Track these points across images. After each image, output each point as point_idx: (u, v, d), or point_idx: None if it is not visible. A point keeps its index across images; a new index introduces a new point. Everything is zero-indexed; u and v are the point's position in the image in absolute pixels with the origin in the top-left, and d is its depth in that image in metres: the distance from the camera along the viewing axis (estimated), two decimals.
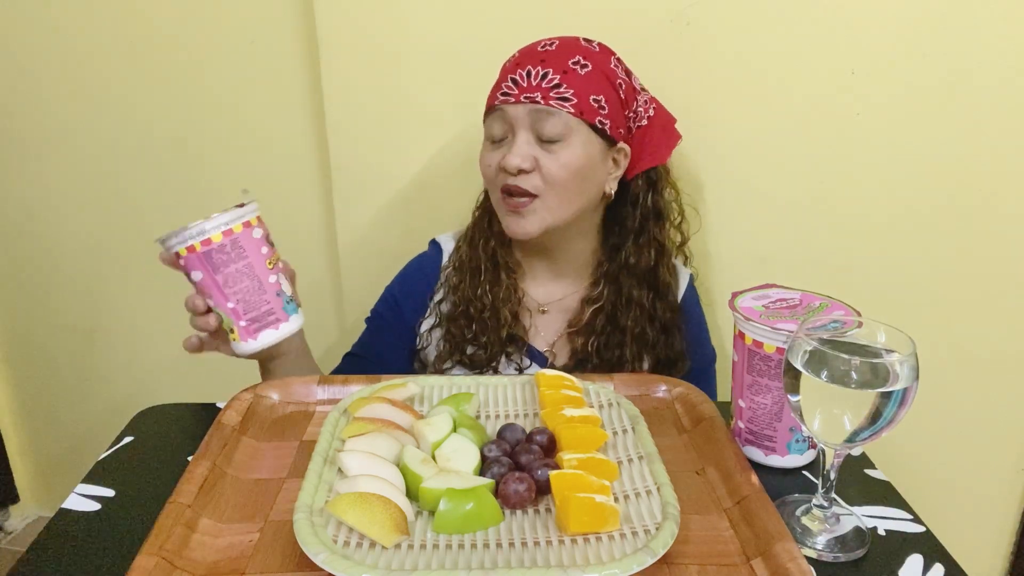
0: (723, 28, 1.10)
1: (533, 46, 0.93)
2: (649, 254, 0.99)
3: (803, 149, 1.14)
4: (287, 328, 0.80)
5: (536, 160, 0.90)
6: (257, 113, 1.30)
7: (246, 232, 0.76)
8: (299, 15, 1.23)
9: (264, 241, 0.78)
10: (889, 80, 1.09)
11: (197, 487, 0.63)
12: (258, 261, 0.77)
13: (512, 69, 0.91)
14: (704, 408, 0.77)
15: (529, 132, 0.90)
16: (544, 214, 0.92)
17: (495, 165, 0.92)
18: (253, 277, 0.77)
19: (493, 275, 1.00)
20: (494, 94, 0.93)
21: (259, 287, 0.78)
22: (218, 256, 0.75)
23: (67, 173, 1.41)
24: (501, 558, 0.56)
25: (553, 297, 1.04)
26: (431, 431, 0.67)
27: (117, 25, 1.29)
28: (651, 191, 0.99)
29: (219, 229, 0.75)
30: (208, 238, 0.75)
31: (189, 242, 0.75)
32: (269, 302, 0.78)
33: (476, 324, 0.99)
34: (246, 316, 0.78)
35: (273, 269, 0.79)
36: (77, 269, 1.49)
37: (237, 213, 0.76)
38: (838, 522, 0.64)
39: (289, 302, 0.80)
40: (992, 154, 1.12)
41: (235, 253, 0.76)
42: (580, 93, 0.89)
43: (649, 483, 0.63)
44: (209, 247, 0.75)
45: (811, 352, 0.58)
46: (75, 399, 1.62)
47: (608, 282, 1.00)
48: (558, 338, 1.03)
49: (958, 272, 1.18)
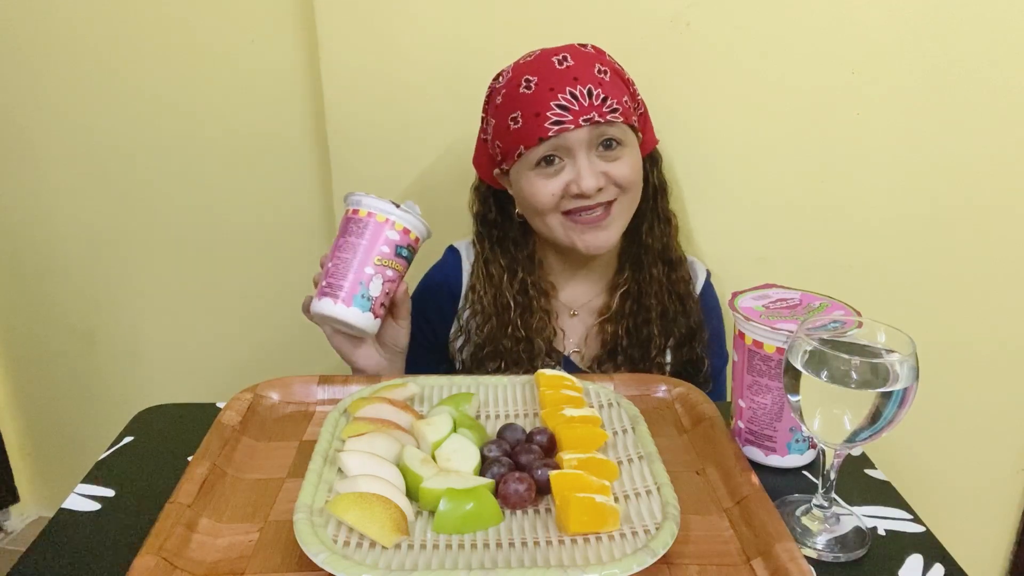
0: (723, 28, 1.10)
1: (547, 65, 0.89)
2: (661, 229, 1.01)
3: (803, 149, 1.14)
4: (342, 311, 0.82)
5: (605, 174, 0.90)
6: (257, 113, 1.30)
7: (381, 225, 0.83)
8: (299, 14, 1.23)
9: (390, 244, 0.83)
10: (889, 80, 1.09)
11: (197, 487, 0.63)
12: (370, 249, 0.83)
13: (548, 95, 0.87)
14: (704, 408, 0.77)
15: (590, 151, 0.90)
16: (622, 218, 0.94)
17: (558, 192, 0.90)
18: (356, 256, 0.83)
19: (525, 306, 0.99)
20: (538, 125, 0.87)
21: (352, 267, 0.83)
22: (350, 225, 0.84)
23: (67, 173, 1.41)
24: (501, 558, 0.56)
25: (583, 298, 1.04)
26: (431, 431, 0.67)
27: (117, 25, 1.29)
28: (655, 168, 1.01)
29: (367, 208, 0.83)
30: (357, 209, 0.84)
31: (348, 205, 0.85)
32: (348, 281, 0.82)
33: (506, 357, 0.98)
34: (327, 278, 0.83)
35: (378, 267, 0.83)
36: (77, 269, 1.49)
37: (389, 208, 0.83)
38: (838, 522, 0.64)
39: (364, 299, 0.83)
40: (992, 154, 1.12)
41: (360, 231, 0.83)
42: (618, 100, 0.89)
43: (649, 483, 0.63)
44: (353, 215, 0.84)
45: (811, 352, 0.58)
46: (75, 399, 1.62)
47: (631, 264, 1.01)
48: (588, 333, 1.03)
49: (958, 272, 1.18)
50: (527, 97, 0.89)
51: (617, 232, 0.94)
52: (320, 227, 1.35)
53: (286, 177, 1.34)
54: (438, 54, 1.16)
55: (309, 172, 1.33)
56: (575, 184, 0.89)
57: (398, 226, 0.83)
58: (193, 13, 1.26)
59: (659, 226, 1.01)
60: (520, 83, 0.90)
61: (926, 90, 1.09)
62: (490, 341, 0.98)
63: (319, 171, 1.32)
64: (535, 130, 0.88)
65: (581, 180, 0.88)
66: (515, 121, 0.90)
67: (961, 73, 1.08)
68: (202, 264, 1.43)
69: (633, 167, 0.92)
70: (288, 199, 1.35)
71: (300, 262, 1.37)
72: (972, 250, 1.17)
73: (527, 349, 0.98)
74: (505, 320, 0.98)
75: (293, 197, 1.35)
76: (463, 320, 1.03)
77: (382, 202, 0.83)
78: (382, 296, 0.84)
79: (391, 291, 0.85)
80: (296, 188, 1.34)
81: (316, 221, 1.35)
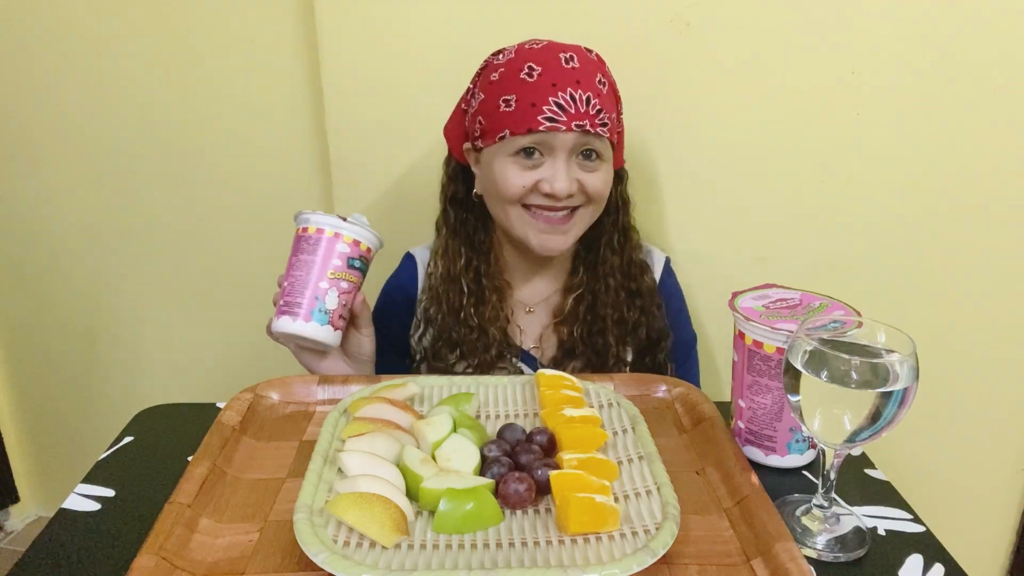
0: (723, 29, 1.10)
1: (553, 57, 0.88)
2: (621, 239, 1.01)
3: (803, 149, 1.14)
4: (301, 327, 0.84)
5: (579, 182, 0.90)
6: (257, 113, 1.30)
7: (331, 240, 0.85)
8: (299, 15, 1.23)
9: (341, 257, 0.85)
10: (889, 80, 1.09)
11: (197, 487, 0.63)
12: (323, 264, 0.85)
13: (548, 90, 0.86)
14: (704, 408, 0.77)
15: (570, 156, 0.90)
16: (581, 226, 0.95)
17: (529, 185, 0.90)
18: (310, 272, 0.85)
19: (478, 296, 0.99)
20: (531, 116, 0.86)
21: (308, 283, 0.85)
22: (301, 243, 0.86)
23: (67, 173, 1.41)
24: (501, 558, 0.56)
25: (539, 296, 1.04)
26: (431, 431, 0.67)
27: (117, 25, 1.29)
28: (619, 184, 1.01)
29: (316, 225, 0.85)
30: (306, 227, 0.86)
31: (298, 224, 0.87)
32: (305, 297, 0.84)
33: (463, 346, 0.98)
34: (284, 297, 0.86)
35: (332, 281, 0.85)
36: (78, 269, 1.49)
37: (337, 222, 0.85)
38: (838, 522, 0.64)
39: (322, 312, 0.84)
40: (992, 153, 1.12)
41: (312, 248, 0.85)
42: (610, 115, 0.90)
43: (649, 483, 0.63)
44: (303, 234, 0.86)
45: (811, 352, 0.58)
46: (75, 399, 1.62)
47: (586, 270, 1.01)
48: (543, 331, 1.03)
49: (958, 272, 1.18)
50: (527, 84, 0.87)
51: (574, 238, 0.95)
52: None
53: (286, 177, 1.34)
54: (438, 54, 1.16)
55: (309, 172, 1.33)
56: (547, 183, 0.89)
57: (347, 239, 0.85)
58: (193, 14, 1.26)
59: (619, 239, 1.00)
60: (522, 68, 0.88)
61: (926, 90, 1.09)
62: (444, 329, 0.99)
63: (319, 171, 1.32)
64: (527, 120, 0.87)
65: (555, 182, 0.88)
66: (508, 104, 0.88)
67: (961, 73, 1.08)
68: (202, 265, 1.43)
69: (606, 182, 0.93)
70: (288, 199, 1.35)
71: None
72: (972, 250, 1.17)
73: (482, 339, 0.98)
74: (457, 306, 0.98)
75: (293, 197, 1.34)
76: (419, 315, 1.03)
77: (330, 217, 0.85)
78: (339, 308, 0.86)
79: (347, 302, 0.87)
80: (296, 188, 1.34)
81: None
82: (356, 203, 1.27)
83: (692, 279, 1.21)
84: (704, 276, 1.21)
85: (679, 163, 1.17)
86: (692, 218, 1.20)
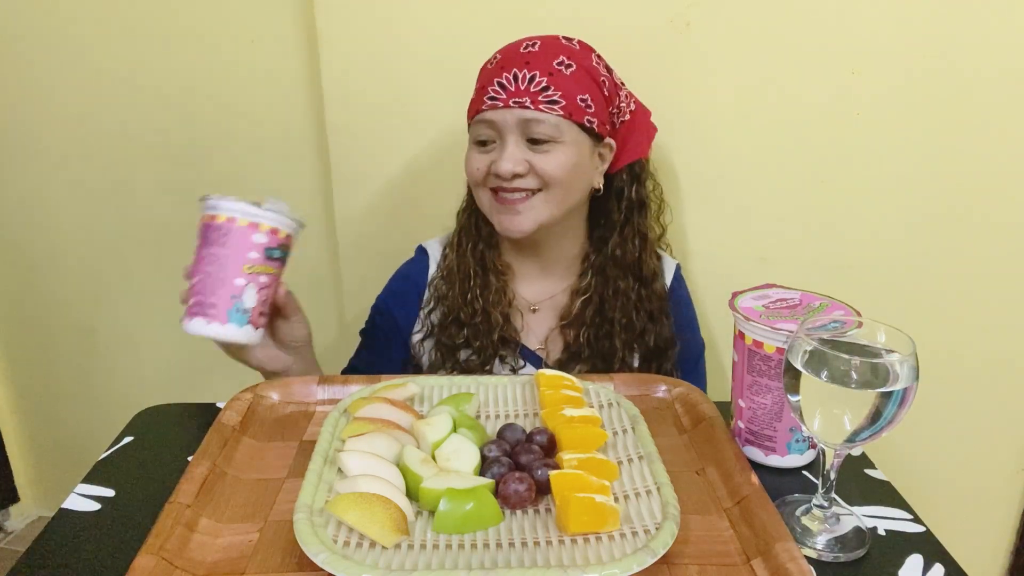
0: (723, 28, 1.10)
1: (515, 47, 0.92)
2: (634, 244, 1.00)
3: (803, 149, 1.14)
4: (217, 330, 0.77)
5: (528, 163, 0.90)
6: (257, 113, 1.30)
7: (245, 230, 0.76)
8: (299, 15, 1.23)
9: (258, 248, 0.77)
10: (889, 81, 1.09)
11: (197, 487, 0.63)
12: (237, 259, 0.76)
13: (496, 72, 0.90)
14: (704, 408, 0.77)
15: (519, 136, 0.90)
16: (540, 210, 0.93)
17: (484, 169, 0.92)
18: (223, 268, 0.76)
19: (483, 279, 1.00)
20: (479, 98, 0.91)
21: (220, 280, 0.76)
22: (210, 232, 0.77)
23: (67, 172, 1.41)
24: (501, 558, 0.56)
25: (544, 295, 1.04)
26: (431, 431, 0.67)
27: (117, 26, 1.29)
28: (635, 183, 1.00)
29: (226, 213, 0.76)
30: (214, 215, 0.76)
31: (204, 211, 0.78)
32: (219, 297, 0.77)
33: (468, 329, 0.99)
34: (195, 296, 0.78)
35: (249, 276, 0.77)
36: (77, 269, 1.49)
37: (250, 209, 0.76)
38: (838, 522, 0.64)
39: (240, 312, 0.77)
40: (992, 154, 1.12)
41: (223, 239, 0.76)
42: (567, 94, 0.89)
43: (649, 483, 0.63)
44: (212, 222, 0.77)
45: (811, 352, 0.58)
46: (75, 399, 1.62)
47: (595, 274, 1.00)
48: (549, 333, 1.03)
49: (958, 272, 1.18)
50: (486, 71, 0.93)
51: (530, 223, 0.93)
52: (320, 227, 1.35)
53: (286, 177, 1.34)
54: (438, 53, 1.16)
55: (309, 172, 1.33)
56: (495, 164, 0.90)
57: (264, 227, 0.77)
58: (193, 13, 1.26)
59: (632, 241, 0.99)
60: (491, 59, 0.94)
61: (926, 90, 1.09)
62: (453, 308, 1.00)
63: (319, 171, 1.32)
64: (476, 103, 0.92)
65: (500, 162, 0.90)
66: (475, 92, 0.94)
67: (961, 73, 1.08)
68: None
69: (562, 164, 0.90)
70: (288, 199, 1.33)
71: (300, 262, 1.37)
72: (972, 250, 1.17)
73: (484, 322, 0.98)
74: (465, 288, 1.00)
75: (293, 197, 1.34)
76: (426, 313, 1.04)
77: (242, 204, 0.76)
78: (259, 305, 0.79)
79: (268, 297, 0.80)
80: (296, 188, 1.34)
81: (316, 221, 1.35)
82: (356, 203, 1.27)
83: (692, 279, 1.21)
84: (704, 276, 1.21)
85: (679, 163, 1.17)
86: (692, 218, 1.20)
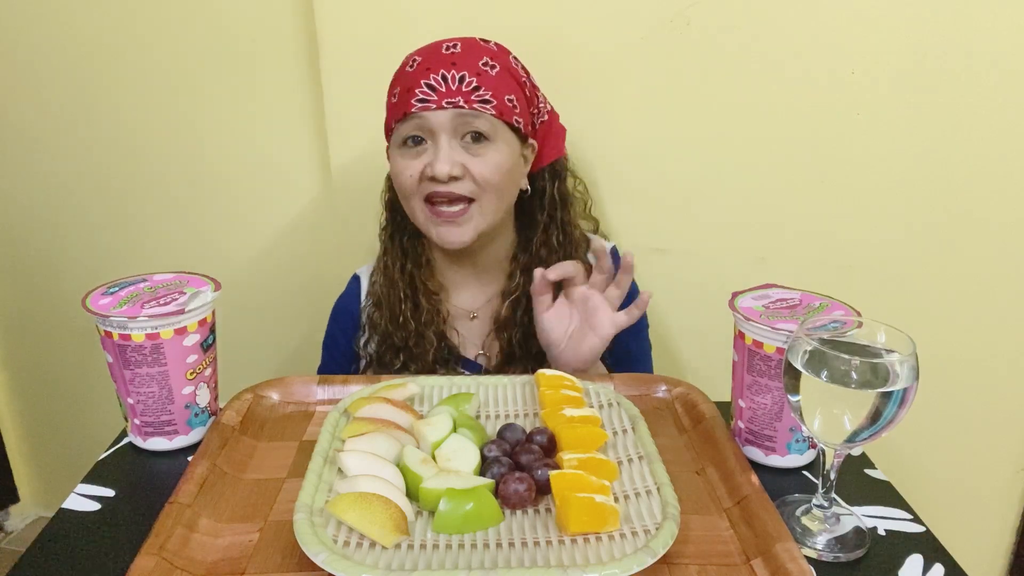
0: (723, 28, 1.10)
1: (435, 48, 0.91)
2: (558, 241, 0.99)
3: (803, 149, 1.14)
4: (183, 441, 0.74)
5: (463, 166, 0.89)
6: (257, 113, 1.30)
7: (176, 339, 0.68)
8: (299, 15, 1.23)
9: (196, 348, 0.70)
10: (889, 80, 1.09)
11: (197, 487, 0.63)
12: (177, 370, 0.70)
13: (422, 74, 0.88)
14: (704, 408, 0.77)
15: (452, 137, 0.89)
16: (479, 219, 0.92)
17: (417, 174, 0.90)
18: (164, 386, 0.70)
19: (413, 300, 0.98)
20: (406, 100, 0.89)
21: (167, 397, 0.71)
22: (133, 355, 0.68)
23: (67, 172, 1.41)
24: (501, 558, 0.56)
25: (480, 301, 1.03)
26: (431, 431, 0.67)
27: (117, 26, 1.29)
28: (556, 181, 1.00)
29: (143, 330, 0.66)
30: (128, 334, 0.66)
31: (107, 328, 0.68)
32: (172, 413, 0.72)
33: (403, 353, 0.98)
34: (141, 417, 0.72)
35: (194, 379, 0.71)
36: (78, 269, 1.49)
37: (172, 318, 0.67)
38: (838, 522, 0.64)
39: (199, 414, 0.74)
40: (993, 154, 1.11)
41: (153, 358, 0.68)
42: (497, 94, 0.89)
43: (649, 483, 0.63)
44: (127, 343, 0.67)
45: (811, 352, 0.58)
46: (75, 399, 1.62)
47: (523, 273, 0.99)
48: (486, 338, 1.02)
49: (958, 272, 1.18)
50: (407, 75, 0.90)
51: (472, 233, 0.92)
52: (322, 227, 1.35)
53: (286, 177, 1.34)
54: None
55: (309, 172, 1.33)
56: (430, 167, 0.88)
57: (191, 327, 0.69)
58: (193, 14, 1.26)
59: (557, 237, 0.99)
60: (408, 63, 0.92)
61: (927, 91, 1.09)
62: (387, 335, 0.99)
63: (319, 171, 1.32)
64: (402, 105, 0.89)
65: (436, 163, 0.88)
66: (393, 97, 0.92)
67: (961, 73, 1.08)
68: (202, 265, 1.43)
69: (497, 166, 0.90)
70: (288, 199, 1.35)
71: (301, 265, 1.37)
72: (972, 250, 1.17)
73: (419, 344, 0.98)
74: (396, 311, 0.98)
75: (293, 197, 1.34)
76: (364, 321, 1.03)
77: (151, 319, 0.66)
78: (213, 391, 0.76)
79: (215, 380, 0.76)
80: (296, 188, 1.34)
81: (317, 223, 1.35)
82: (356, 204, 1.27)
83: (692, 279, 1.21)
84: (704, 276, 1.21)
85: (679, 163, 1.17)
86: (692, 218, 1.20)
